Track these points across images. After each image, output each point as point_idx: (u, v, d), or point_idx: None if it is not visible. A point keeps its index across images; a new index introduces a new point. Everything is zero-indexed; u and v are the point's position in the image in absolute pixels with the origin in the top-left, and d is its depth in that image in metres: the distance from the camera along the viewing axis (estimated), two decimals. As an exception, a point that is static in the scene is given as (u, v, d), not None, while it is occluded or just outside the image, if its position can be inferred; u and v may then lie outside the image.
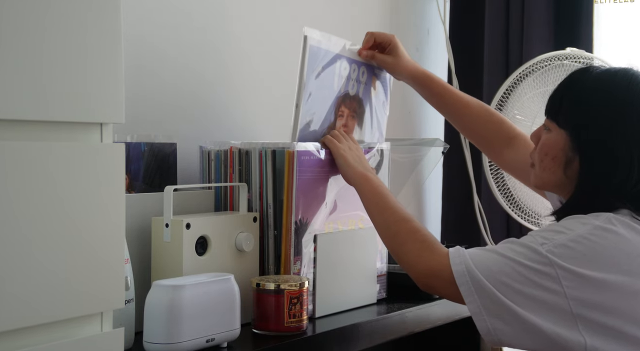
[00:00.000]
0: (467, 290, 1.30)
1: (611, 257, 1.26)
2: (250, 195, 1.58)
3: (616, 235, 1.27)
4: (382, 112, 1.82)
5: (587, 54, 2.12)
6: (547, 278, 1.25)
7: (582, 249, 1.26)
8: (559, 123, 1.37)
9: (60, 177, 0.97)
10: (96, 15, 1.01)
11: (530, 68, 2.12)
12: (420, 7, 2.58)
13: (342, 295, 1.64)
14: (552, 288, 1.25)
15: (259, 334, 1.44)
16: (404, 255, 1.42)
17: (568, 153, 1.35)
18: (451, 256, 1.32)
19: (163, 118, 1.74)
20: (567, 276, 1.24)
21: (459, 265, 1.31)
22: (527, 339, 1.28)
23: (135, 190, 1.55)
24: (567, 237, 1.27)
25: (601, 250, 1.26)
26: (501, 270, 1.28)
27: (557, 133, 1.37)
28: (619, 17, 2.42)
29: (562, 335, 1.25)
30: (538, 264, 1.26)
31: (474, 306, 1.29)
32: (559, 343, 1.26)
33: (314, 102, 1.62)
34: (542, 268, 1.26)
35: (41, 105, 0.95)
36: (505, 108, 2.13)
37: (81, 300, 0.99)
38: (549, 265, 1.25)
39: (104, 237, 1.02)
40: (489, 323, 1.29)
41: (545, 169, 1.40)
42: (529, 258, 1.27)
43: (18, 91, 0.93)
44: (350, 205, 1.67)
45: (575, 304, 1.24)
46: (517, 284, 1.27)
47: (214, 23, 1.87)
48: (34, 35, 0.94)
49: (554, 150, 1.37)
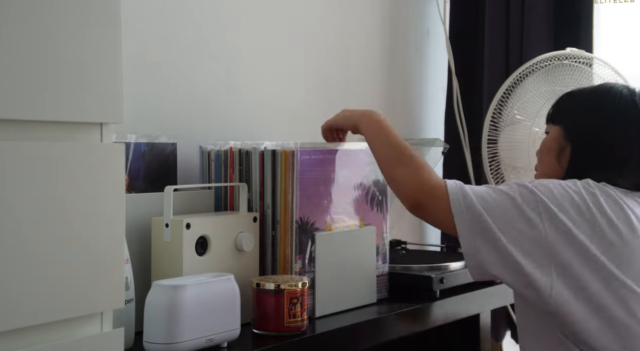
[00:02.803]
0: (459, 207, 1.39)
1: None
2: (250, 195, 1.58)
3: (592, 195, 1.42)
4: None
5: (587, 54, 2.12)
6: (532, 212, 1.38)
7: (558, 191, 1.41)
8: (554, 121, 1.57)
9: (60, 177, 0.97)
10: (96, 15, 1.01)
11: (530, 68, 2.12)
12: (420, 7, 2.58)
13: (342, 295, 1.64)
14: (535, 222, 1.38)
15: (259, 334, 1.44)
16: (400, 172, 1.49)
17: (561, 142, 1.54)
18: (447, 181, 1.44)
19: (163, 118, 1.74)
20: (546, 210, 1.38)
21: (454, 186, 1.42)
22: (506, 272, 1.39)
23: (135, 190, 1.56)
24: (548, 181, 1.44)
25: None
26: (492, 199, 1.40)
27: (553, 131, 1.57)
28: (619, 17, 2.42)
29: (536, 274, 1.36)
30: (527, 199, 1.39)
31: (463, 226, 1.39)
32: (531, 283, 1.37)
33: None
34: (530, 202, 1.39)
35: (41, 105, 0.95)
36: (505, 108, 2.13)
37: (81, 300, 0.99)
38: (535, 201, 1.39)
39: (104, 237, 1.02)
40: (475, 244, 1.39)
41: (543, 163, 1.58)
42: (520, 195, 1.40)
43: (18, 91, 0.93)
44: (350, 204, 1.67)
45: (551, 236, 1.37)
46: (506, 215, 1.38)
47: (214, 23, 1.87)
48: (34, 35, 0.94)
49: (550, 143, 1.56)
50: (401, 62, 2.51)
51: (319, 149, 1.61)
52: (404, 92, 2.54)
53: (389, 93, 2.45)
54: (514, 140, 2.09)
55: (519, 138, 2.08)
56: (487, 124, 2.14)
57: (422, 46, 2.59)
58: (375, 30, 2.41)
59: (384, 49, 2.44)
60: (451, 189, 1.42)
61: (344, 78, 2.26)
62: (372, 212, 1.73)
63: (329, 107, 1.92)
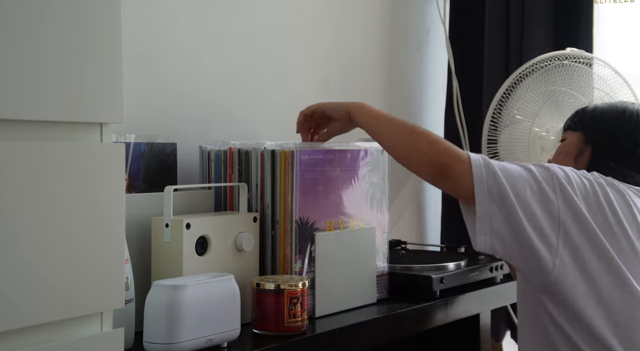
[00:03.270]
0: (479, 171, 1.44)
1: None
2: (250, 195, 1.58)
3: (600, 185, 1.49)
4: None
5: (587, 54, 2.12)
6: (548, 187, 1.45)
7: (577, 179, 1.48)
8: (573, 129, 1.66)
9: (60, 177, 0.97)
10: (96, 15, 1.01)
11: (530, 68, 2.12)
12: (420, 7, 2.58)
13: (342, 295, 1.64)
14: (549, 196, 1.44)
15: (259, 334, 1.44)
16: (421, 141, 1.52)
17: (580, 146, 1.63)
18: (470, 153, 1.49)
19: (163, 118, 1.74)
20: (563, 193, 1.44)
21: (476, 155, 1.47)
22: (513, 241, 1.43)
23: (135, 190, 1.56)
24: (562, 166, 1.51)
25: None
26: (513, 169, 1.46)
27: (571, 136, 1.66)
28: (619, 17, 2.42)
29: (542, 245, 1.42)
30: (544, 176, 1.45)
31: (481, 190, 1.43)
32: (536, 252, 1.42)
33: None
34: (547, 179, 1.45)
35: (41, 105, 0.95)
36: (505, 108, 2.13)
37: (81, 300, 0.99)
38: (551, 179, 1.45)
39: (104, 237, 1.02)
40: (490, 209, 1.43)
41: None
42: (538, 172, 1.46)
43: (18, 91, 0.93)
44: (350, 204, 1.67)
45: (563, 213, 1.43)
46: (524, 186, 1.44)
47: (214, 23, 1.87)
48: (33, 35, 0.94)
49: (568, 148, 1.65)
50: (401, 62, 2.51)
51: (319, 149, 1.61)
52: (404, 92, 2.54)
53: (389, 93, 2.45)
54: (514, 140, 2.09)
55: (519, 138, 2.08)
56: (487, 124, 2.14)
57: (422, 46, 2.59)
58: (375, 30, 2.41)
59: (384, 49, 2.44)
60: (473, 155, 1.47)
61: (344, 78, 2.26)
62: (372, 211, 1.73)
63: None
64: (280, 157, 1.55)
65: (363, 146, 1.71)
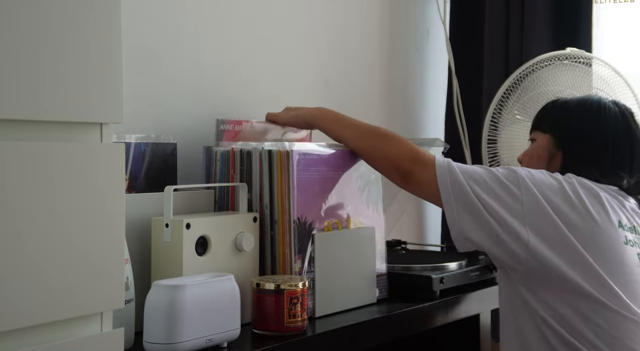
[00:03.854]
0: (443, 175, 1.47)
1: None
2: (251, 195, 1.58)
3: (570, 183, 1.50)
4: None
5: (587, 54, 2.12)
6: (511, 184, 1.47)
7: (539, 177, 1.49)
8: (542, 129, 1.65)
9: (60, 177, 0.97)
10: (96, 15, 1.01)
11: (530, 68, 2.12)
12: (420, 7, 2.58)
13: (342, 294, 1.64)
14: (513, 190, 1.46)
15: (259, 334, 1.44)
16: (386, 146, 1.55)
17: (551, 150, 1.62)
18: (435, 155, 1.53)
19: (163, 118, 1.74)
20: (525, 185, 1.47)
21: (440, 159, 1.51)
22: (485, 238, 1.47)
23: (135, 190, 1.56)
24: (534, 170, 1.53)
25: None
26: (475, 171, 1.49)
27: (541, 138, 1.64)
28: (618, 17, 2.42)
29: (512, 236, 1.44)
30: (507, 176, 1.48)
31: (446, 193, 1.47)
32: (508, 246, 1.45)
33: None
34: (510, 179, 1.47)
35: (41, 105, 0.95)
36: (505, 108, 2.13)
37: (81, 300, 0.99)
38: (516, 178, 1.47)
39: (104, 237, 1.02)
40: (457, 212, 1.47)
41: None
42: (502, 172, 1.49)
43: (18, 91, 0.93)
44: (349, 204, 1.67)
45: (527, 205, 1.45)
46: (486, 183, 1.47)
47: (214, 23, 1.87)
48: (33, 35, 0.94)
49: (539, 151, 1.64)
50: (401, 62, 2.51)
51: (316, 149, 1.61)
52: (404, 92, 2.54)
53: (389, 93, 2.45)
54: (514, 140, 2.09)
55: (519, 138, 2.08)
56: (487, 124, 2.14)
57: (422, 46, 2.59)
58: (375, 30, 2.41)
59: (384, 49, 2.43)
60: (437, 159, 1.50)
61: (344, 78, 2.26)
62: (370, 211, 1.73)
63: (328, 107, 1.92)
64: (277, 157, 1.55)
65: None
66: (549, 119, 1.66)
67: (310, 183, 1.58)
